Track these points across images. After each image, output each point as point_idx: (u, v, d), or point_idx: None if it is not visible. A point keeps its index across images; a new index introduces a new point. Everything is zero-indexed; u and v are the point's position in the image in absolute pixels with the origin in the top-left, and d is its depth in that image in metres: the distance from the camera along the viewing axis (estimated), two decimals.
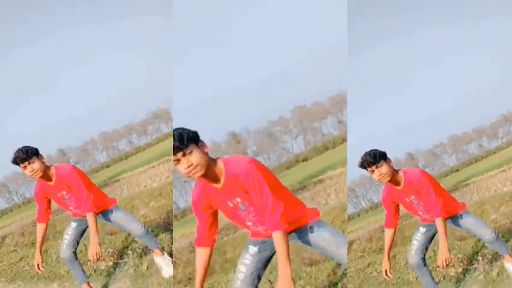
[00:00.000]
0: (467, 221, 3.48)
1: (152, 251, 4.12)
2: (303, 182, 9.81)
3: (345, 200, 7.03)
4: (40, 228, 3.67)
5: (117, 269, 4.41)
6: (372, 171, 3.16)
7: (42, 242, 3.67)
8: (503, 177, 9.10)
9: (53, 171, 3.42)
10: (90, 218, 3.39)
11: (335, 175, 9.68)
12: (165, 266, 4.08)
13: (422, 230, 3.50)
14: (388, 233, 3.53)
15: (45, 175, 3.40)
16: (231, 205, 2.35)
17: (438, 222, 3.21)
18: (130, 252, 4.62)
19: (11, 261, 5.41)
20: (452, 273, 4.22)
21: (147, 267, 4.26)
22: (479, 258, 4.36)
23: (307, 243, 2.51)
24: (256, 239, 2.49)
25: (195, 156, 2.16)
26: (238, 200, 2.32)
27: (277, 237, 2.19)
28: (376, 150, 3.17)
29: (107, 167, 11.78)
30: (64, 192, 3.49)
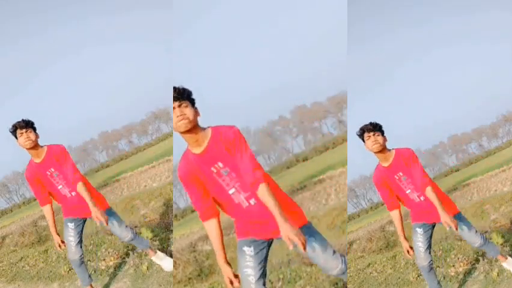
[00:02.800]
0: (461, 229, 3.46)
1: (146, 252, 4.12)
2: (303, 182, 9.81)
3: (345, 200, 7.03)
4: (46, 210, 3.64)
5: (117, 269, 4.41)
6: (369, 137, 3.30)
7: (54, 222, 3.64)
8: (503, 177, 9.10)
9: (44, 149, 3.52)
10: (81, 187, 3.40)
11: (335, 175, 9.69)
12: (163, 262, 4.12)
13: (420, 231, 3.47)
14: (394, 215, 3.49)
15: (35, 148, 3.48)
16: (214, 171, 2.43)
17: (429, 191, 3.23)
18: (130, 252, 4.62)
19: (11, 261, 5.42)
20: (452, 273, 4.23)
21: (147, 267, 4.27)
22: (479, 258, 4.36)
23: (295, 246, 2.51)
24: (246, 239, 2.52)
25: (188, 110, 2.38)
26: (220, 164, 2.43)
27: (263, 190, 2.28)
28: (375, 122, 3.33)
29: (107, 167, 11.78)
30: (52, 169, 3.53)
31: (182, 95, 2.40)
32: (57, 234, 3.67)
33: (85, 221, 3.72)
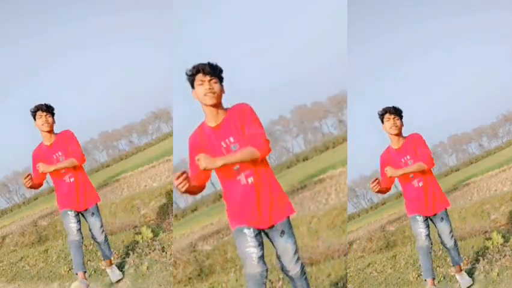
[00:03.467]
0: (444, 226, 3.67)
1: (109, 257, 4.18)
2: (303, 182, 9.80)
3: (345, 200, 7.03)
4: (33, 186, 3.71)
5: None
6: (389, 119, 3.51)
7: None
8: (503, 177, 9.09)
9: (55, 135, 3.76)
10: (74, 162, 3.69)
11: (335, 175, 9.68)
12: (112, 274, 4.22)
13: (420, 218, 3.64)
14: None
15: (50, 133, 3.72)
16: (224, 145, 2.57)
17: (420, 165, 3.45)
18: (130, 252, 4.62)
19: (11, 261, 5.42)
20: (452, 273, 4.22)
21: (147, 267, 4.27)
22: (479, 258, 4.36)
23: (272, 241, 2.69)
24: (244, 225, 2.62)
25: (216, 86, 2.55)
26: (232, 139, 2.57)
27: (247, 150, 2.47)
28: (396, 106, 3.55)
29: (107, 166, 11.77)
30: (60, 153, 3.73)
31: (215, 71, 2.55)
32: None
33: (79, 214, 3.86)
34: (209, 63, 2.55)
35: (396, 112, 3.52)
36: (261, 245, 2.61)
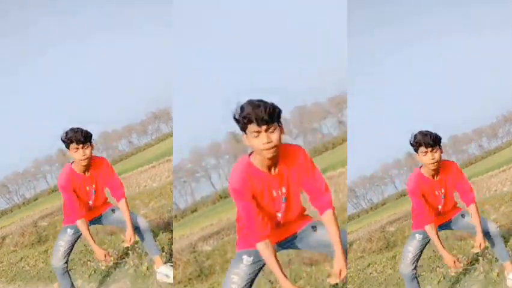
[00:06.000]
0: (467, 221, 3.30)
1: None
2: None
3: (345, 200, 7.02)
4: (82, 224, 3.30)
5: (117, 269, 4.40)
6: (426, 153, 2.96)
7: (91, 237, 3.34)
8: (503, 177, 9.11)
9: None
10: (123, 204, 3.40)
11: (334, 175, 9.68)
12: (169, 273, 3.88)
13: (419, 237, 3.27)
14: (431, 230, 3.15)
15: (89, 164, 3.27)
16: (275, 195, 2.27)
17: (473, 208, 3.19)
18: (130, 252, 4.62)
19: (11, 261, 5.42)
20: (452, 273, 4.23)
21: (147, 267, 4.26)
22: (479, 258, 4.35)
23: (308, 244, 2.55)
24: (250, 249, 2.38)
25: (276, 136, 2.08)
26: (284, 190, 2.28)
27: (331, 216, 2.34)
28: (435, 133, 2.98)
29: None
30: (94, 185, 3.37)
31: (273, 116, 2.05)
32: (100, 248, 3.46)
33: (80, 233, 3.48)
34: (265, 108, 2.03)
35: (436, 143, 2.94)
36: (254, 273, 2.41)
